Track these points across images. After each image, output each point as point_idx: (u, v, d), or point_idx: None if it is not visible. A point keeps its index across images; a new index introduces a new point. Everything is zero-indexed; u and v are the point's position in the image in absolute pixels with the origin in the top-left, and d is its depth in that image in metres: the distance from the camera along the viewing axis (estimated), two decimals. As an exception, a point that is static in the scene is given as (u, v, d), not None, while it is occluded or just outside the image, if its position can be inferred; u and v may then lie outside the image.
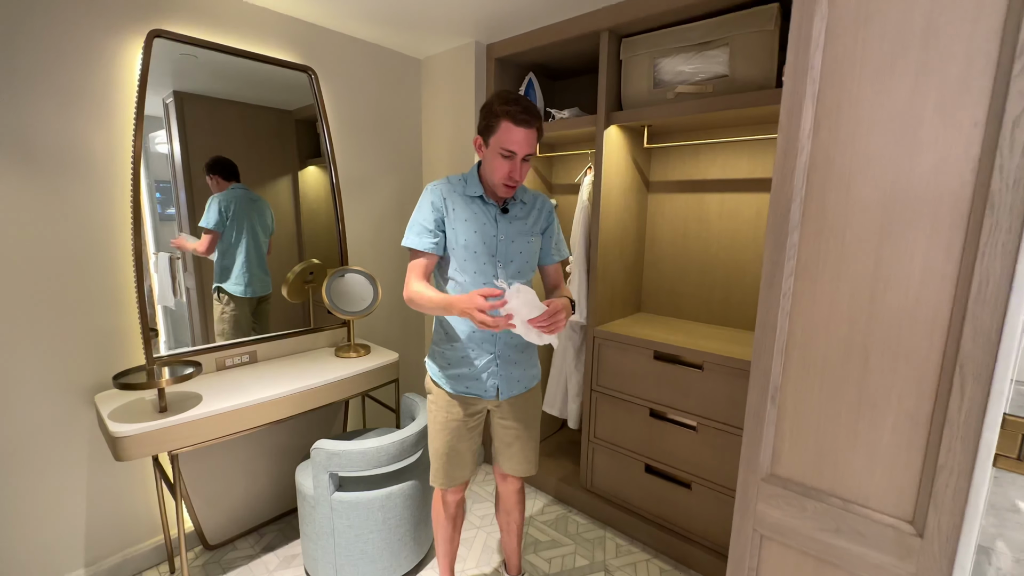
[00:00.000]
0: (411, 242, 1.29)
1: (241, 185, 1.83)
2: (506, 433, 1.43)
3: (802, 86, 0.72)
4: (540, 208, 1.40)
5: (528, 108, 1.19)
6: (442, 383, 1.38)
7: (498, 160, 1.22)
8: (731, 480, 1.66)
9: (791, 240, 0.76)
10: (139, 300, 1.55)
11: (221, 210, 1.77)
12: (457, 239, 1.28)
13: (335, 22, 1.99)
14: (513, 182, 1.24)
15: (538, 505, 2.15)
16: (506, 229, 1.31)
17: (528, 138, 1.20)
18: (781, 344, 0.79)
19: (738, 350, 1.68)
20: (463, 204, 1.30)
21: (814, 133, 0.74)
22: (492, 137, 1.21)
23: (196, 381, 1.64)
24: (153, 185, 1.64)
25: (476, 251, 1.29)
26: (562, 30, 1.91)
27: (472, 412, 1.39)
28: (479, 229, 1.29)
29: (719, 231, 2.01)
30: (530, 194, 1.40)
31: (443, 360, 1.37)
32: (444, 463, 1.40)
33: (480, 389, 1.36)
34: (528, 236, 1.35)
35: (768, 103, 1.50)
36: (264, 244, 1.92)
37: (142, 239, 1.55)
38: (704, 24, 1.62)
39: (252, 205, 1.87)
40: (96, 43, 1.48)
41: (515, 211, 1.34)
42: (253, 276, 1.88)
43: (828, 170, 0.73)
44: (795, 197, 0.75)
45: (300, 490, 1.64)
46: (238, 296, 1.85)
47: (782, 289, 0.78)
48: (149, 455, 1.37)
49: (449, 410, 1.37)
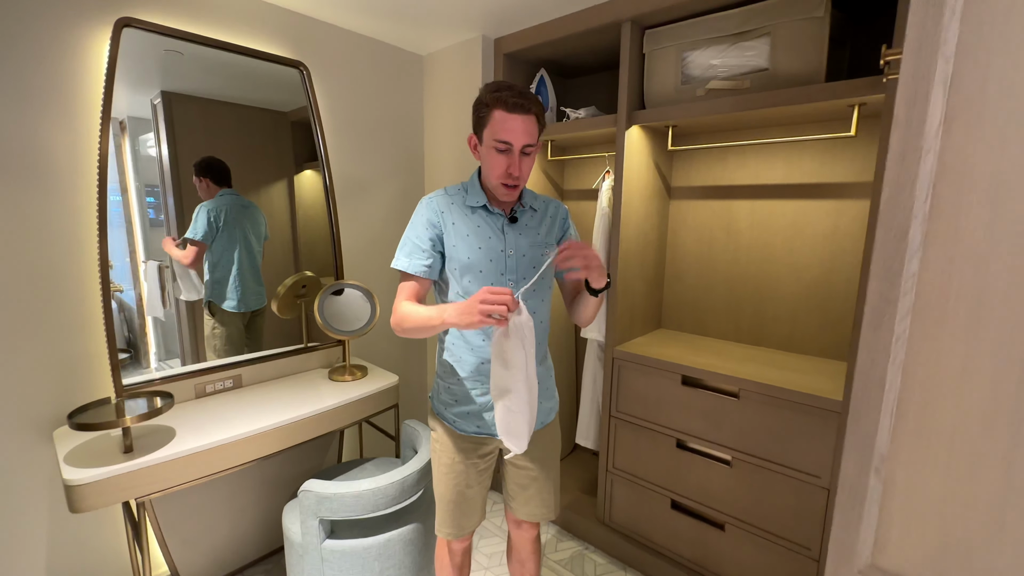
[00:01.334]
0: (401, 264, 1.13)
1: (232, 190, 1.67)
2: (520, 475, 1.26)
3: (929, 67, 0.55)
4: (554, 215, 1.24)
5: (523, 93, 1.04)
6: (448, 421, 1.22)
7: (493, 156, 1.06)
8: (772, 523, 1.48)
9: (908, 269, 0.58)
10: (106, 320, 1.38)
11: (211, 220, 1.62)
12: (459, 257, 1.12)
13: (329, 14, 1.82)
14: (512, 180, 1.07)
15: (550, 538, 1.97)
16: (515, 241, 1.15)
17: (526, 126, 1.04)
18: (891, 404, 0.61)
19: (776, 375, 1.50)
20: (464, 217, 1.14)
21: (944, 130, 0.56)
22: (485, 130, 1.07)
23: (172, 412, 1.45)
24: (143, 190, 1.54)
25: (482, 270, 1.12)
26: (578, 21, 1.74)
27: (483, 453, 1.22)
28: (484, 244, 1.12)
29: (749, 242, 1.83)
30: (541, 200, 1.24)
31: (448, 396, 1.21)
32: (452, 511, 1.23)
33: (490, 427, 1.19)
34: (541, 248, 1.18)
35: (817, 99, 1.32)
36: (258, 254, 1.76)
37: (107, 252, 1.38)
38: (741, 12, 1.45)
39: (244, 212, 1.72)
40: (59, 34, 1.31)
41: (525, 220, 1.18)
42: (247, 289, 1.73)
43: (965, 179, 0.55)
44: (916, 214, 0.58)
45: (287, 535, 1.46)
46: (230, 311, 1.69)
47: (894, 333, 0.60)
48: (110, 504, 1.19)
49: (456, 452, 1.21)
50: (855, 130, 1.36)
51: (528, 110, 1.04)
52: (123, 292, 1.53)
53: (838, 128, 1.52)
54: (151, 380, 1.50)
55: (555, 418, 1.30)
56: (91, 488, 1.14)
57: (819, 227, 1.66)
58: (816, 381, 1.45)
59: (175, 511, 1.56)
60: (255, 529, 1.78)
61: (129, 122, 1.49)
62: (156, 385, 1.49)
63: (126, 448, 1.24)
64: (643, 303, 1.95)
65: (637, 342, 1.87)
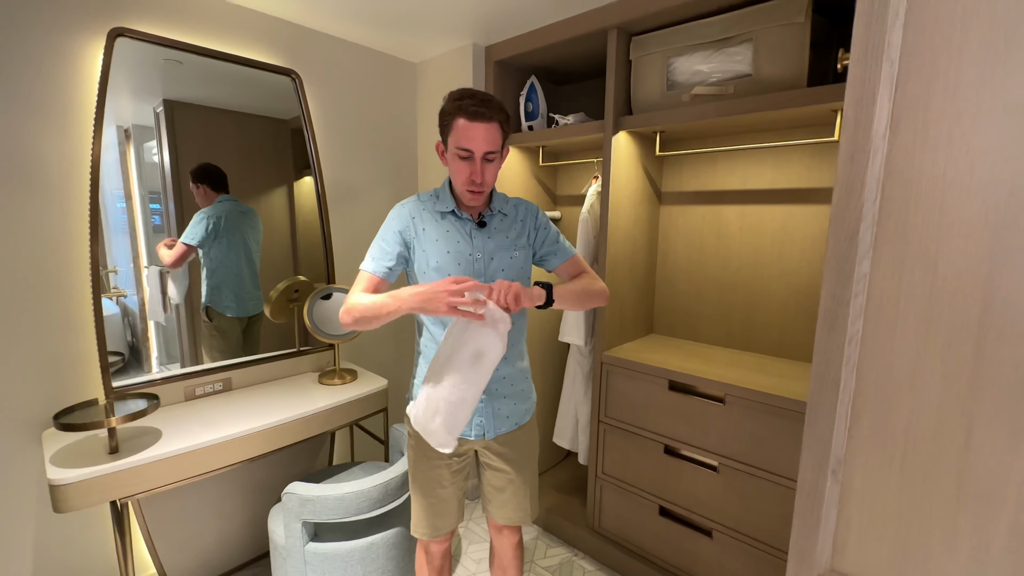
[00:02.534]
0: (367, 265, 1.16)
1: (230, 197, 1.69)
2: (496, 477, 1.26)
3: (875, 71, 0.55)
4: (524, 218, 1.24)
5: (485, 100, 1.06)
6: None
7: (457, 163, 1.09)
8: (758, 530, 1.46)
9: (859, 270, 0.58)
10: (96, 323, 1.40)
11: (209, 227, 1.63)
12: (428, 262, 1.14)
13: (320, 23, 1.85)
14: (475, 187, 1.10)
15: (540, 545, 1.95)
16: (483, 245, 1.16)
17: (487, 134, 1.06)
18: (845, 405, 0.61)
19: (764, 381, 1.49)
20: (434, 222, 1.16)
21: (891, 132, 0.56)
22: (449, 138, 1.09)
23: (159, 414, 1.47)
24: (147, 197, 1.57)
25: (450, 273, 1.13)
26: (566, 28, 1.76)
27: (457, 454, 1.23)
28: (452, 248, 1.14)
29: (739, 246, 1.82)
30: (512, 203, 1.25)
31: None
32: (426, 511, 1.24)
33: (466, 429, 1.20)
34: (510, 251, 1.19)
35: (798, 104, 1.32)
36: (257, 259, 1.78)
37: (99, 255, 1.40)
38: (724, 18, 1.46)
39: (243, 218, 1.74)
40: (54, 42, 1.34)
41: (494, 224, 1.19)
42: (247, 294, 1.75)
43: (912, 181, 0.55)
44: (865, 215, 0.58)
45: (272, 538, 1.47)
46: (229, 317, 1.71)
47: (847, 334, 0.60)
48: (95, 504, 1.20)
49: (429, 453, 1.21)
50: (838, 135, 1.36)
51: (490, 118, 1.05)
52: (127, 297, 1.56)
53: (824, 133, 1.52)
54: (140, 383, 1.52)
55: (531, 419, 1.30)
56: (75, 488, 1.15)
57: (808, 231, 1.65)
58: (803, 386, 1.43)
59: (163, 514, 1.57)
60: (243, 533, 1.79)
61: (133, 130, 1.52)
62: (146, 387, 1.51)
63: (112, 449, 1.25)
64: (633, 308, 1.95)
65: (627, 347, 1.87)
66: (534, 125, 2.03)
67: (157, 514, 1.55)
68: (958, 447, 0.55)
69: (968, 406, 0.54)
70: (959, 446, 0.55)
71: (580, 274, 1.27)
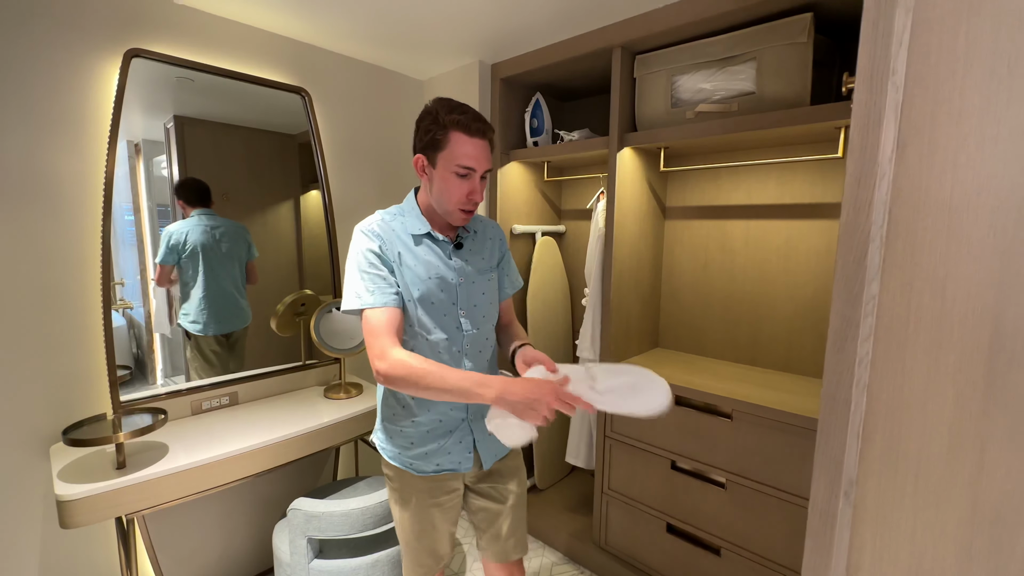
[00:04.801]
0: (369, 301, 0.99)
1: (207, 211, 1.65)
2: (494, 508, 1.18)
3: (880, 95, 0.56)
4: (493, 236, 1.20)
5: (480, 116, 1.02)
6: (405, 466, 1.12)
7: (452, 181, 1.01)
8: (767, 549, 1.44)
9: (868, 292, 0.59)
10: (106, 339, 1.41)
11: (170, 244, 1.58)
12: (409, 293, 1.04)
13: (330, 42, 1.89)
14: (473, 205, 1.05)
15: (546, 564, 1.93)
16: (463, 269, 1.09)
17: (485, 151, 1.02)
18: (856, 426, 0.61)
19: (771, 396, 1.48)
20: (407, 246, 1.06)
21: (898, 156, 0.57)
22: (440, 154, 1.01)
23: (166, 429, 1.48)
24: (156, 210, 1.59)
25: (434, 301, 1.05)
26: (571, 47, 1.79)
27: (447, 491, 1.14)
28: (433, 275, 1.05)
29: (744, 261, 1.83)
30: (479, 221, 1.19)
31: (403, 439, 1.11)
32: (416, 555, 1.16)
33: (454, 462, 1.11)
34: (488, 273, 1.14)
35: (802, 122, 1.34)
36: (239, 275, 1.74)
37: (111, 272, 1.42)
38: (727, 38, 1.48)
39: (218, 233, 1.68)
40: (71, 63, 1.37)
41: (469, 245, 1.13)
42: (217, 312, 1.68)
43: (919, 204, 0.56)
44: (873, 237, 0.58)
45: (276, 555, 1.46)
46: (196, 334, 1.66)
47: (857, 355, 0.60)
48: (101, 520, 1.20)
49: (418, 496, 1.12)
50: (841, 152, 1.38)
51: (486, 134, 1.02)
52: (133, 309, 1.57)
53: (827, 150, 1.54)
54: (148, 397, 1.52)
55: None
56: (82, 504, 1.16)
57: (812, 246, 1.66)
58: (810, 402, 1.43)
59: (168, 529, 1.56)
60: (248, 548, 1.78)
61: (143, 144, 1.55)
62: (153, 402, 1.52)
63: (119, 464, 1.26)
64: (639, 322, 1.95)
65: (633, 361, 1.87)
66: (539, 141, 2.06)
67: (162, 530, 1.55)
68: (972, 469, 0.55)
69: (981, 428, 0.54)
70: (973, 468, 0.55)
71: (512, 318, 1.24)
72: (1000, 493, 0.53)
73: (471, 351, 1.11)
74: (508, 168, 2.11)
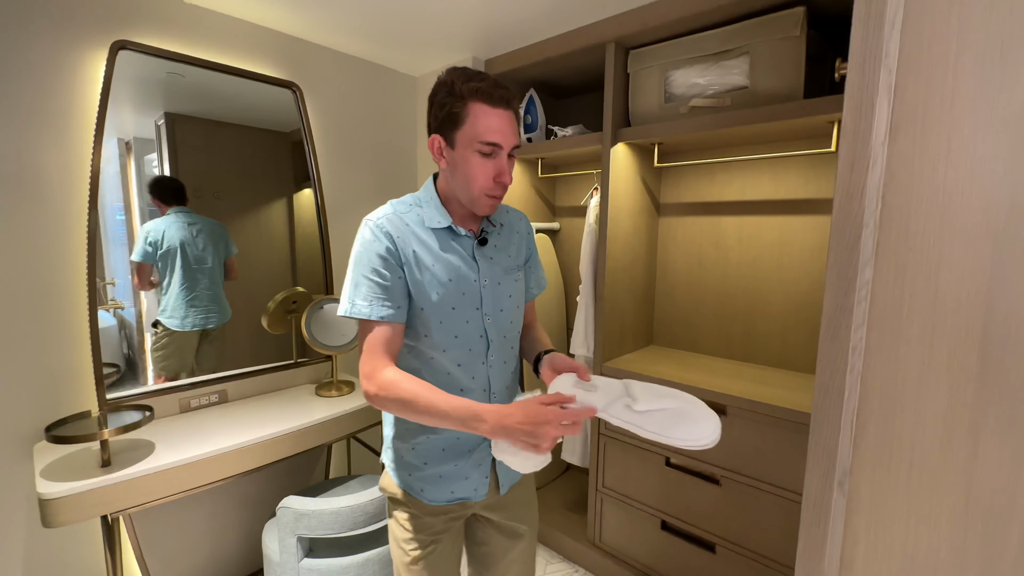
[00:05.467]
0: (364, 312, 0.86)
1: (183, 208, 1.61)
2: (502, 540, 1.04)
3: (873, 79, 0.56)
4: (520, 230, 1.05)
5: (501, 83, 0.85)
6: (413, 492, 0.96)
7: (476, 160, 0.85)
8: (762, 545, 1.44)
9: (862, 278, 0.58)
10: (92, 335, 1.39)
11: (148, 242, 1.55)
12: (427, 296, 0.89)
13: (322, 37, 1.88)
14: (502, 189, 0.89)
15: (539, 561, 1.92)
16: (488, 269, 0.95)
17: (511, 123, 0.86)
18: (850, 415, 0.60)
19: (765, 392, 1.47)
20: (424, 243, 0.90)
21: (890, 140, 0.56)
22: (460, 131, 0.85)
23: (154, 427, 1.45)
24: (147, 209, 1.56)
25: (455, 306, 0.91)
26: (564, 43, 1.78)
27: (456, 517, 1.00)
28: (454, 275, 0.91)
29: (738, 258, 1.82)
30: (504, 211, 1.04)
31: (415, 457, 0.95)
32: None
33: (469, 489, 0.96)
34: (515, 272, 1.00)
35: (795, 116, 1.33)
36: (219, 272, 1.70)
37: (96, 268, 1.39)
38: (721, 32, 1.48)
39: (195, 230, 1.64)
40: (57, 55, 1.35)
41: (494, 240, 0.98)
42: (195, 308, 1.65)
43: (912, 189, 0.55)
44: (866, 223, 0.58)
45: (266, 554, 1.44)
46: (174, 329, 1.62)
47: (850, 342, 0.59)
48: (85, 519, 1.18)
49: (427, 532, 0.96)
50: (835, 146, 1.37)
51: (511, 104, 0.86)
52: (124, 309, 1.55)
53: (820, 145, 1.53)
54: (135, 394, 1.50)
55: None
56: (65, 502, 1.13)
57: (806, 242, 1.66)
58: (804, 397, 1.42)
59: (155, 529, 1.54)
60: (238, 548, 1.76)
61: (135, 142, 1.53)
62: (141, 399, 1.49)
63: (104, 462, 1.23)
64: (633, 319, 1.94)
65: (627, 358, 1.86)
66: (533, 137, 2.05)
67: (149, 529, 1.52)
68: (966, 458, 0.54)
69: (975, 416, 0.53)
70: (967, 457, 0.54)
71: (534, 319, 1.11)
72: (994, 482, 0.53)
73: (495, 362, 0.96)
74: (502, 165, 2.10)
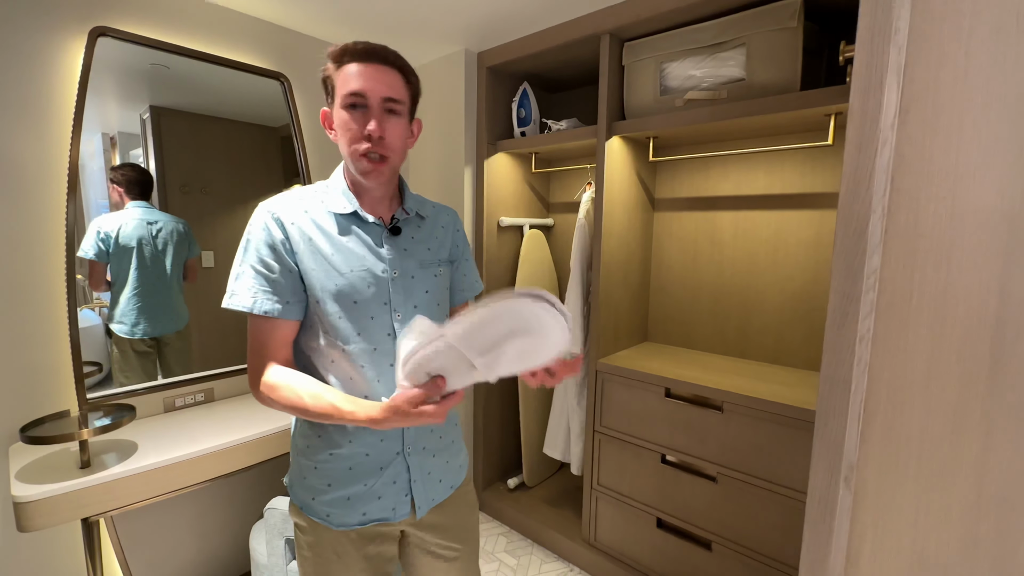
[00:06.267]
0: (246, 303, 0.79)
1: (143, 203, 1.51)
2: (435, 565, 0.95)
3: (881, 57, 0.53)
4: (447, 225, 0.98)
5: (377, 44, 0.81)
6: (317, 517, 0.87)
7: (344, 116, 0.79)
8: (759, 543, 1.42)
9: (870, 265, 0.56)
10: (71, 332, 1.34)
11: (99, 237, 1.43)
12: (323, 287, 0.81)
13: (310, 27, 1.84)
14: (377, 146, 0.80)
15: (534, 561, 1.89)
16: (400, 260, 0.86)
17: (386, 77, 0.79)
18: (857, 407, 0.58)
19: (762, 388, 1.46)
20: (323, 230, 0.83)
21: (900, 121, 0.54)
22: (335, 95, 0.82)
23: (137, 427, 1.41)
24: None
25: (356, 301, 0.82)
26: (558, 35, 1.75)
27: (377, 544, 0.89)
28: (357, 265, 0.83)
29: (733, 253, 1.81)
30: (430, 205, 0.97)
31: (318, 479, 0.86)
32: None
33: (385, 510, 0.87)
34: (434, 267, 0.91)
35: (792, 108, 1.32)
36: (177, 275, 1.58)
37: (74, 263, 1.35)
38: (717, 23, 1.46)
39: (155, 229, 1.54)
40: (33, 41, 1.30)
41: (410, 231, 0.90)
42: (148, 314, 1.53)
43: (923, 171, 0.53)
44: (874, 207, 0.55)
45: (253, 557, 1.40)
46: (123, 336, 1.51)
47: (858, 332, 0.57)
48: (64, 522, 1.13)
49: (339, 559, 0.87)
50: (832, 139, 1.36)
51: (388, 61, 0.80)
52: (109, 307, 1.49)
53: (817, 138, 1.52)
54: (117, 393, 1.45)
55: (467, 477, 1.01)
56: (42, 505, 1.09)
57: (802, 237, 1.64)
58: (801, 393, 1.41)
59: (138, 532, 1.49)
60: (224, 551, 1.71)
61: (119, 137, 1.48)
62: (123, 399, 1.44)
63: (83, 463, 1.19)
64: (628, 315, 1.92)
65: (622, 355, 1.84)
66: (527, 131, 2.02)
67: (132, 532, 1.48)
68: (977, 450, 0.52)
69: (987, 406, 0.51)
70: (978, 449, 0.52)
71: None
72: (1007, 474, 0.51)
73: None
74: (495, 159, 2.07)
